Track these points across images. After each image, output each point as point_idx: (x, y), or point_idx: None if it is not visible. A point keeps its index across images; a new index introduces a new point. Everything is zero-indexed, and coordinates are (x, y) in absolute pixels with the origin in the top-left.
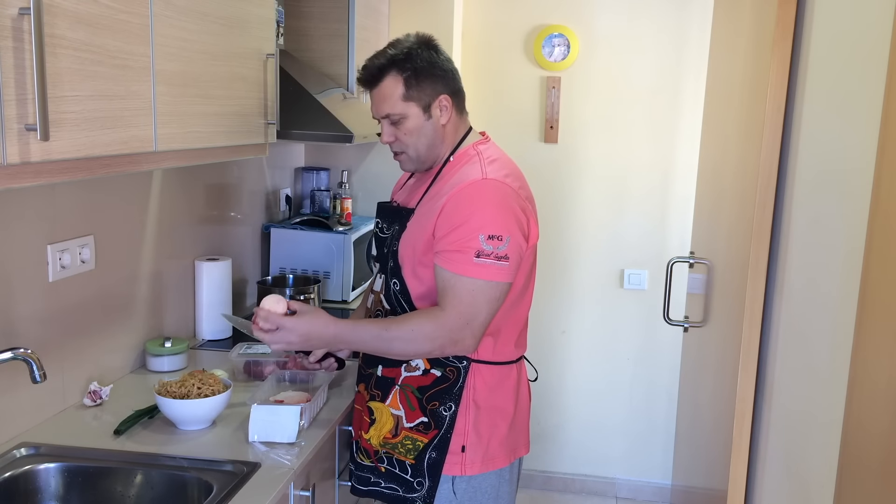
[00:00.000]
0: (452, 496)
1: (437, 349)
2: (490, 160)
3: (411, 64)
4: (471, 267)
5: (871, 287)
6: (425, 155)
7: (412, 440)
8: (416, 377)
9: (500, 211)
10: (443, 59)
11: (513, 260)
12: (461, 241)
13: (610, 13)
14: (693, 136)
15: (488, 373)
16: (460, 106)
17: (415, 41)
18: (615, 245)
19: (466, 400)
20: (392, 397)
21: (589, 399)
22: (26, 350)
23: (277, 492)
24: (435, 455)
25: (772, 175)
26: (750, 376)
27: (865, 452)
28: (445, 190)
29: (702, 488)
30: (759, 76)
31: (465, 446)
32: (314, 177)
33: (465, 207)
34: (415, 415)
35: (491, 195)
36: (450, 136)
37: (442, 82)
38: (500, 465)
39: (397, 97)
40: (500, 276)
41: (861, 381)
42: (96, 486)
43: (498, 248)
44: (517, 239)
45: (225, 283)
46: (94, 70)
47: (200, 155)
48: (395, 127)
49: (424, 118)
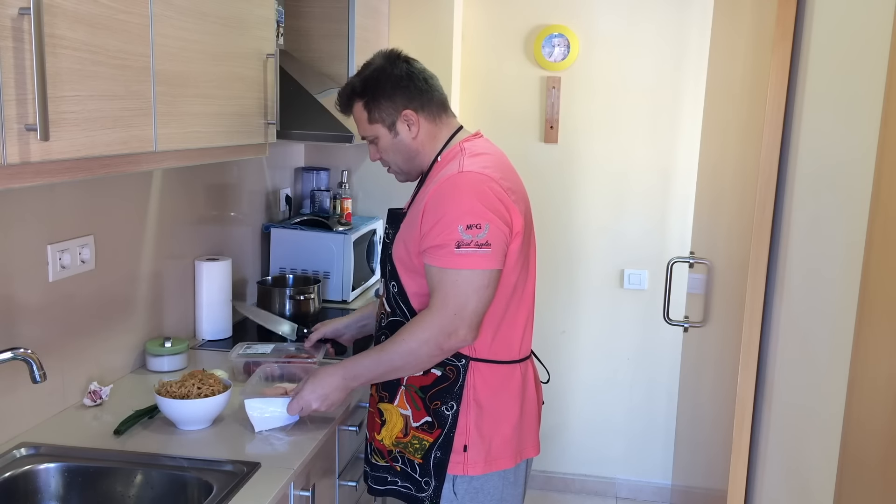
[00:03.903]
0: (453, 496)
1: (435, 348)
2: (472, 154)
3: (370, 88)
4: (453, 258)
5: (871, 287)
6: (407, 167)
7: (419, 440)
8: (418, 377)
9: (477, 200)
10: (406, 71)
11: (496, 246)
12: (441, 235)
13: (610, 13)
14: (693, 136)
15: (489, 372)
16: (433, 113)
17: (379, 62)
18: (615, 245)
19: (467, 399)
20: (399, 398)
21: (589, 399)
22: (26, 350)
23: (277, 492)
24: (440, 454)
25: (772, 175)
26: (750, 376)
27: (865, 452)
28: (429, 189)
29: (702, 488)
30: (759, 76)
31: (468, 445)
32: (314, 177)
33: (442, 202)
34: (420, 414)
35: (466, 186)
36: (426, 145)
37: (403, 97)
38: (503, 465)
39: (364, 121)
40: (484, 264)
41: (861, 380)
42: (96, 486)
43: (477, 237)
44: (497, 225)
45: (225, 283)
46: (94, 70)
47: (200, 155)
48: (375, 146)
49: (391, 136)
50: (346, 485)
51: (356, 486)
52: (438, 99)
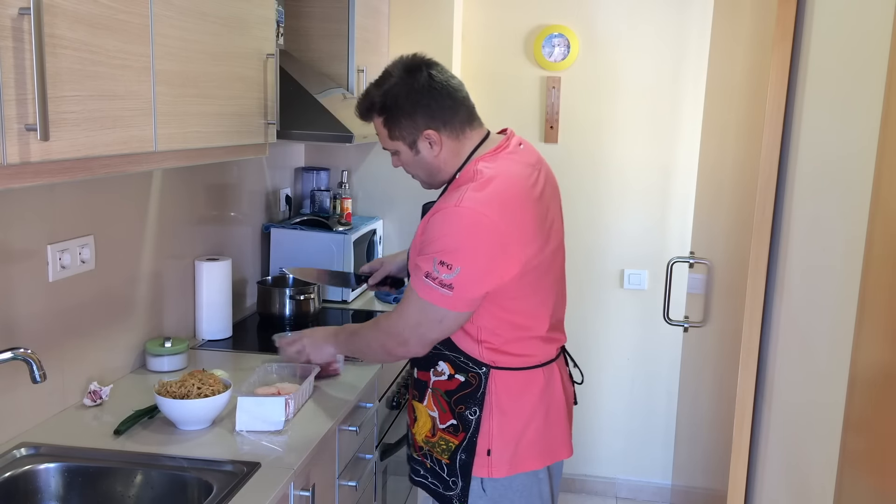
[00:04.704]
0: (482, 492)
1: (383, 351)
2: (481, 184)
3: (389, 106)
4: (420, 284)
5: (871, 286)
6: (429, 179)
7: (445, 441)
8: (442, 381)
9: (460, 241)
10: (428, 86)
11: (459, 290)
12: (422, 259)
13: (610, 13)
14: (693, 135)
15: (511, 379)
16: (457, 129)
17: (398, 74)
18: (615, 245)
19: (489, 405)
20: (427, 399)
21: (589, 399)
22: (26, 350)
23: (277, 492)
24: (465, 457)
25: (772, 174)
26: (750, 376)
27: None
28: (434, 209)
29: (702, 488)
30: (759, 76)
31: (491, 450)
32: (314, 177)
33: (434, 229)
34: (446, 417)
35: (456, 223)
36: (448, 161)
37: (425, 116)
38: (530, 467)
39: (385, 136)
40: (440, 302)
41: (861, 380)
42: (96, 486)
43: (443, 276)
44: (472, 271)
45: (225, 283)
46: (94, 70)
47: (200, 155)
48: (397, 157)
49: (413, 153)
50: (346, 485)
51: (356, 485)
52: (464, 112)
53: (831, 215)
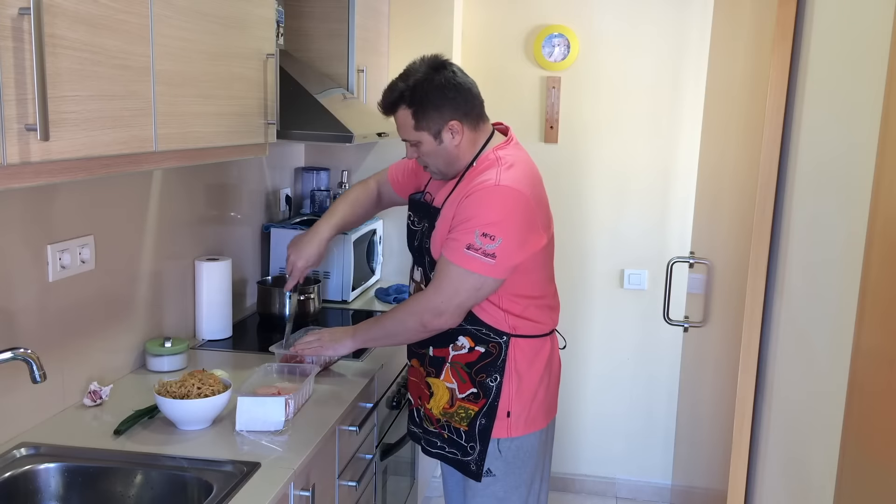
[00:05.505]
0: (498, 453)
1: (420, 324)
2: (507, 166)
3: (418, 98)
4: (460, 256)
5: (871, 286)
6: (446, 170)
7: (465, 409)
8: (463, 355)
9: (503, 215)
10: (452, 81)
11: (500, 259)
12: (461, 234)
13: (610, 13)
14: (693, 136)
15: (527, 346)
16: (475, 121)
17: (424, 70)
18: (615, 245)
19: (510, 370)
20: (445, 373)
21: (589, 399)
22: (26, 350)
23: (278, 492)
24: (484, 421)
25: (772, 175)
26: (750, 376)
27: (865, 451)
28: (466, 192)
29: (702, 488)
30: (759, 76)
31: (510, 412)
32: (314, 177)
33: (472, 207)
34: (466, 387)
35: (498, 199)
36: (466, 151)
37: (450, 108)
38: (540, 426)
39: (410, 127)
40: (483, 270)
41: (861, 380)
42: (96, 486)
43: (487, 246)
44: (511, 242)
45: (225, 283)
46: (94, 70)
47: (200, 155)
48: (415, 148)
49: (436, 143)
50: (346, 485)
51: (356, 485)
52: (480, 106)
53: (831, 215)
